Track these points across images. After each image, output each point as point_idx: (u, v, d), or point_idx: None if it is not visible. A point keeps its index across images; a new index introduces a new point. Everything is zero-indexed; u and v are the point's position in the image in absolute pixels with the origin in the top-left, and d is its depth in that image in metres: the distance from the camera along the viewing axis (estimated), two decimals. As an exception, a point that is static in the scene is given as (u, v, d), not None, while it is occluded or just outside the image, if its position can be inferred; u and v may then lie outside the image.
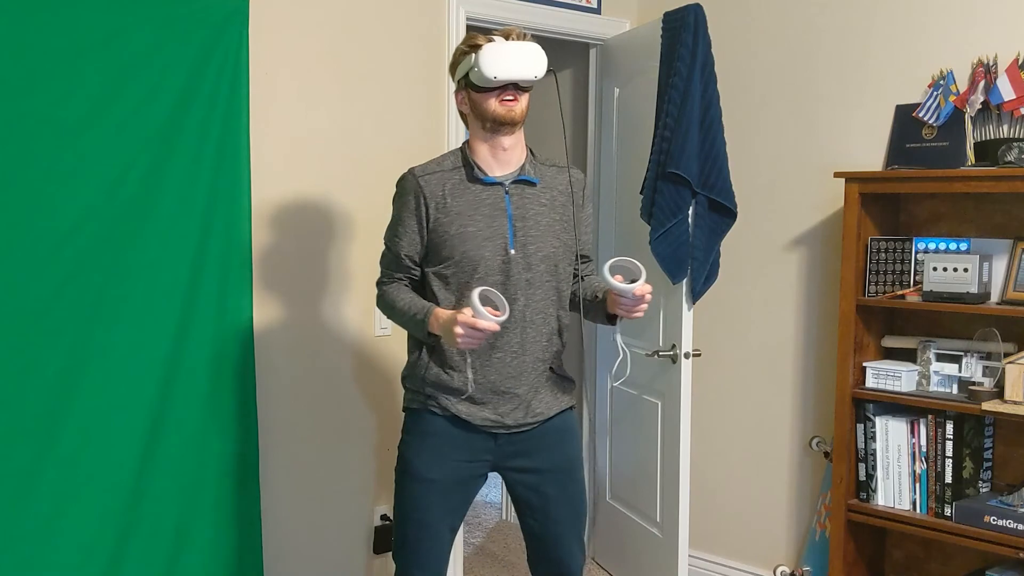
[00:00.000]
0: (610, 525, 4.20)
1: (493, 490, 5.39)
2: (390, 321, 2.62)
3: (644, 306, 2.43)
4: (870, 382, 3.33)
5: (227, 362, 3.12)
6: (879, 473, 3.32)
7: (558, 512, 2.59)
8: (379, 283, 2.59)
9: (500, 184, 2.48)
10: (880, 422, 3.31)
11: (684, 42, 3.39)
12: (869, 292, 3.33)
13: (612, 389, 4.15)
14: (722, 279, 3.63)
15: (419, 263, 2.53)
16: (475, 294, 2.26)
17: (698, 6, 3.41)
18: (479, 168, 2.47)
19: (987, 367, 3.14)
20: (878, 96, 3.53)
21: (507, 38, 2.42)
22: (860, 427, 3.35)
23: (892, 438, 3.30)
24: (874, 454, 3.32)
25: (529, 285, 2.48)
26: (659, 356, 3.62)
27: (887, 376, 3.29)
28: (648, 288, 2.40)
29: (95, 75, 2.81)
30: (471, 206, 2.45)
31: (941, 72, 3.34)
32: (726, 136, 3.45)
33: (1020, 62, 3.15)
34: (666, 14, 3.55)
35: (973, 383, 3.13)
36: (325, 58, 3.40)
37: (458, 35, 3.71)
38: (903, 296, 3.23)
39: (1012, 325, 3.16)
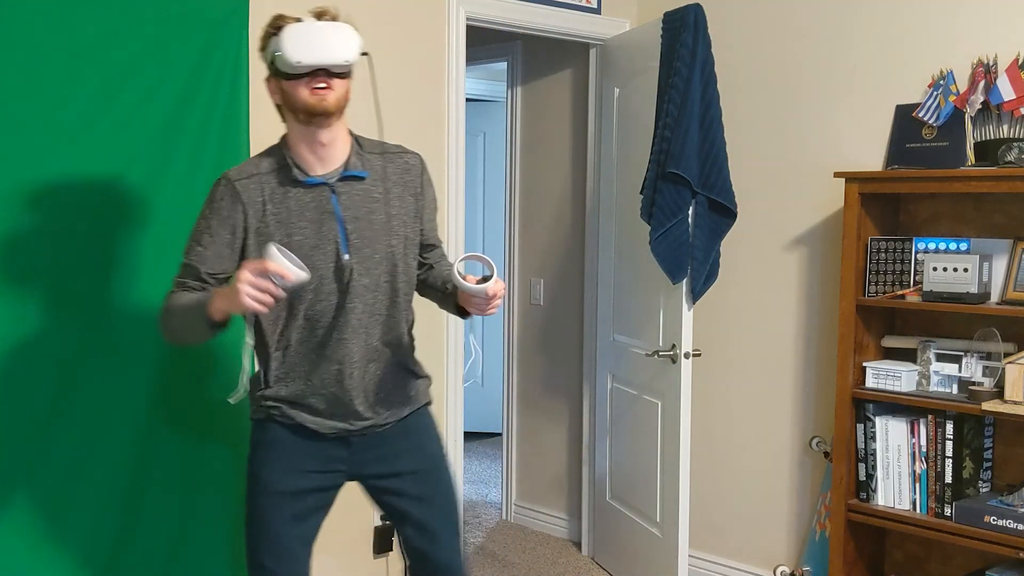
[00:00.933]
0: (610, 525, 4.20)
1: (493, 490, 5.39)
2: (173, 343, 2.37)
3: (497, 302, 2.27)
4: (870, 382, 3.33)
5: (224, 360, 3.12)
6: (879, 473, 3.32)
7: (428, 513, 2.44)
8: (165, 298, 2.31)
9: (325, 184, 2.26)
10: (880, 422, 3.31)
11: (684, 42, 3.39)
12: (869, 292, 3.33)
13: (612, 389, 4.15)
14: (722, 279, 3.63)
15: (223, 281, 2.29)
16: (273, 246, 2.07)
17: (698, 6, 3.41)
18: (299, 168, 2.26)
19: (987, 367, 3.14)
20: (878, 96, 3.53)
21: (319, 18, 2.22)
22: (860, 427, 3.35)
23: (892, 438, 3.30)
24: (874, 454, 3.32)
25: (368, 290, 2.29)
26: (659, 356, 3.62)
27: (887, 376, 3.29)
28: (501, 287, 2.24)
29: (95, 75, 2.81)
30: (295, 212, 2.24)
31: (941, 72, 3.34)
32: (726, 136, 3.46)
33: (1020, 62, 3.15)
34: (666, 14, 3.55)
35: (973, 383, 3.13)
36: (325, 58, 3.39)
37: (458, 35, 3.71)
38: (903, 296, 3.23)
39: (1012, 325, 3.16)
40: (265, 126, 3.22)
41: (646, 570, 3.84)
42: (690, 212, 3.41)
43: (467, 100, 3.87)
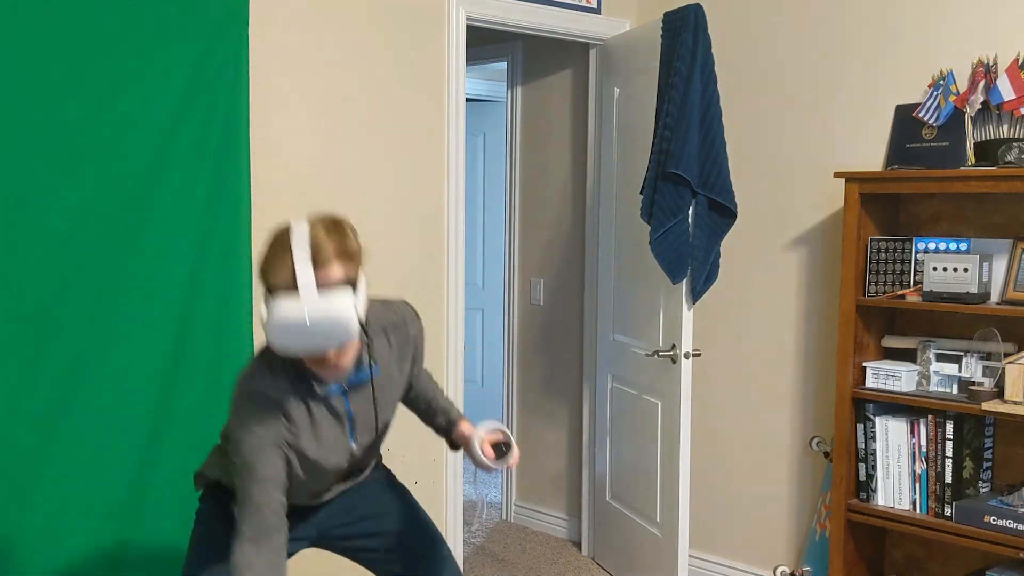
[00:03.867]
0: (610, 525, 4.20)
1: (493, 490, 5.39)
2: None
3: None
4: (870, 382, 3.33)
5: (227, 361, 3.11)
6: (879, 473, 3.32)
7: (411, 543, 2.44)
8: (240, 553, 2.04)
9: (339, 391, 2.17)
10: (880, 422, 3.31)
11: (684, 42, 3.39)
12: (869, 292, 3.33)
13: (612, 389, 4.15)
14: (722, 279, 3.63)
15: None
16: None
17: (698, 6, 3.41)
18: (317, 382, 2.12)
19: (987, 367, 3.14)
20: (878, 96, 3.53)
21: (315, 263, 1.92)
22: (860, 427, 3.35)
23: (892, 438, 3.30)
24: (874, 454, 3.32)
25: (368, 453, 2.34)
26: (659, 356, 3.62)
27: (887, 376, 3.29)
28: (515, 460, 2.34)
29: (95, 75, 2.81)
30: (311, 424, 2.14)
31: (941, 72, 3.34)
32: (726, 136, 3.46)
33: (1020, 62, 3.15)
34: (666, 14, 3.55)
35: (973, 383, 3.13)
36: (324, 58, 3.40)
37: (458, 35, 3.71)
38: (903, 296, 3.23)
39: (1012, 325, 3.16)
40: (265, 126, 3.23)
41: (646, 570, 3.84)
42: (690, 212, 3.41)
43: (467, 100, 3.87)
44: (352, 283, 1.98)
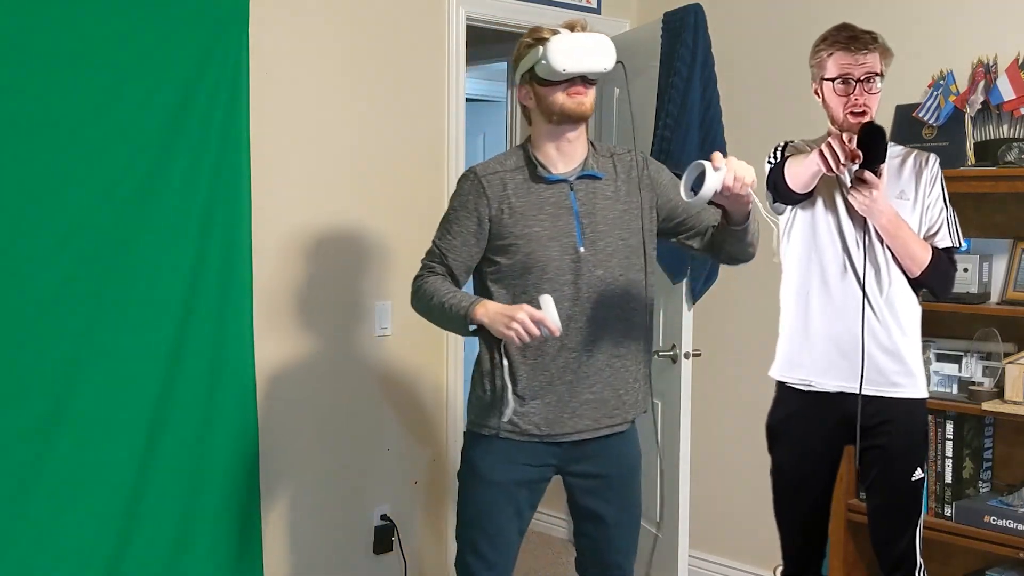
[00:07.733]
0: (610, 525, 4.19)
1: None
2: (422, 317, 2.51)
3: (744, 179, 2.35)
4: (870, 382, 3.32)
5: (227, 362, 3.12)
6: (879, 473, 3.32)
7: (616, 518, 2.55)
8: (417, 278, 2.48)
9: (564, 181, 2.42)
10: (880, 422, 3.30)
11: (684, 42, 3.39)
12: (869, 292, 3.33)
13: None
14: (722, 279, 3.62)
15: (466, 269, 2.46)
16: (549, 298, 2.26)
17: (698, 6, 3.41)
18: (542, 166, 2.41)
19: (987, 367, 3.14)
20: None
21: (571, 30, 2.37)
22: (860, 427, 3.34)
23: (892, 438, 3.29)
24: (874, 454, 3.32)
25: (602, 282, 2.41)
26: (659, 356, 3.62)
27: (887, 376, 3.28)
28: (724, 165, 2.29)
29: (95, 75, 2.81)
30: (534, 206, 2.39)
31: (941, 72, 3.34)
32: (726, 136, 3.45)
33: (1020, 62, 3.15)
34: (666, 14, 3.55)
35: (973, 383, 3.13)
36: (325, 58, 3.40)
37: (458, 35, 3.71)
38: (903, 296, 3.23)
39: (1012, 325, 3.16)
40: (265, 126, 3.23)
41: (646, 570, 3.84)
42: (690, 212, 3.41)
43: (467, 100, 3.87)
44: None
